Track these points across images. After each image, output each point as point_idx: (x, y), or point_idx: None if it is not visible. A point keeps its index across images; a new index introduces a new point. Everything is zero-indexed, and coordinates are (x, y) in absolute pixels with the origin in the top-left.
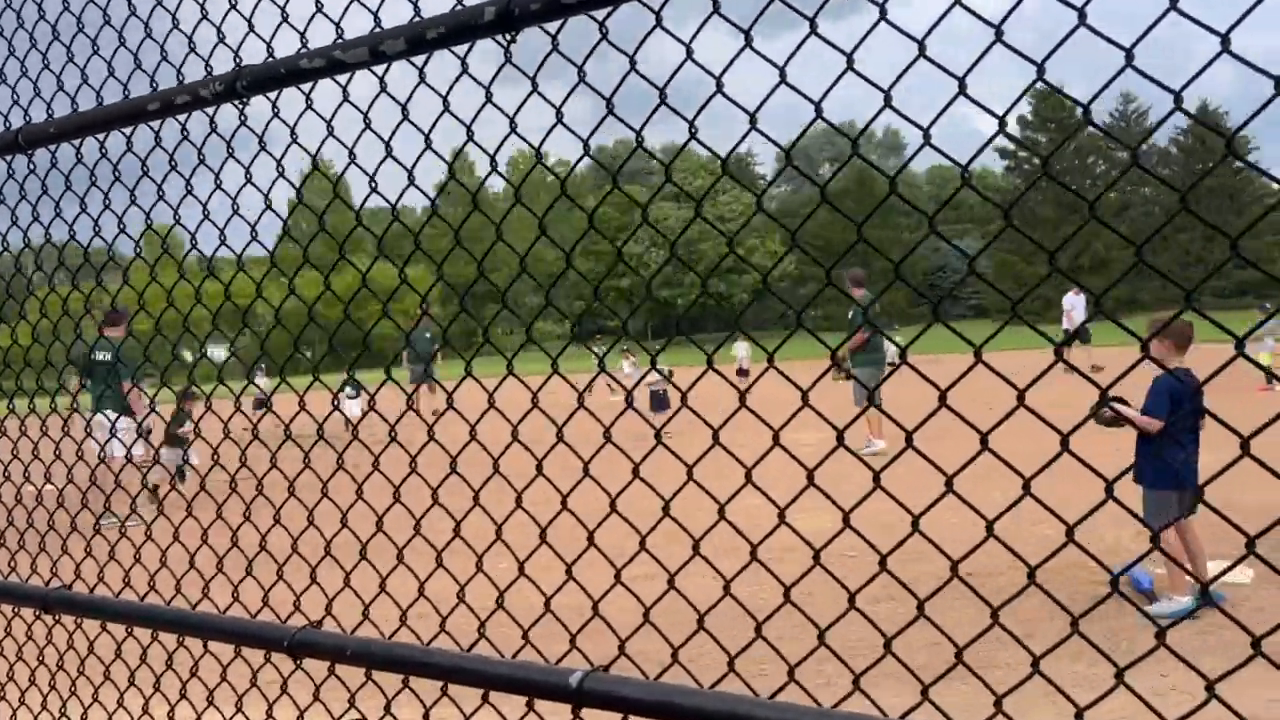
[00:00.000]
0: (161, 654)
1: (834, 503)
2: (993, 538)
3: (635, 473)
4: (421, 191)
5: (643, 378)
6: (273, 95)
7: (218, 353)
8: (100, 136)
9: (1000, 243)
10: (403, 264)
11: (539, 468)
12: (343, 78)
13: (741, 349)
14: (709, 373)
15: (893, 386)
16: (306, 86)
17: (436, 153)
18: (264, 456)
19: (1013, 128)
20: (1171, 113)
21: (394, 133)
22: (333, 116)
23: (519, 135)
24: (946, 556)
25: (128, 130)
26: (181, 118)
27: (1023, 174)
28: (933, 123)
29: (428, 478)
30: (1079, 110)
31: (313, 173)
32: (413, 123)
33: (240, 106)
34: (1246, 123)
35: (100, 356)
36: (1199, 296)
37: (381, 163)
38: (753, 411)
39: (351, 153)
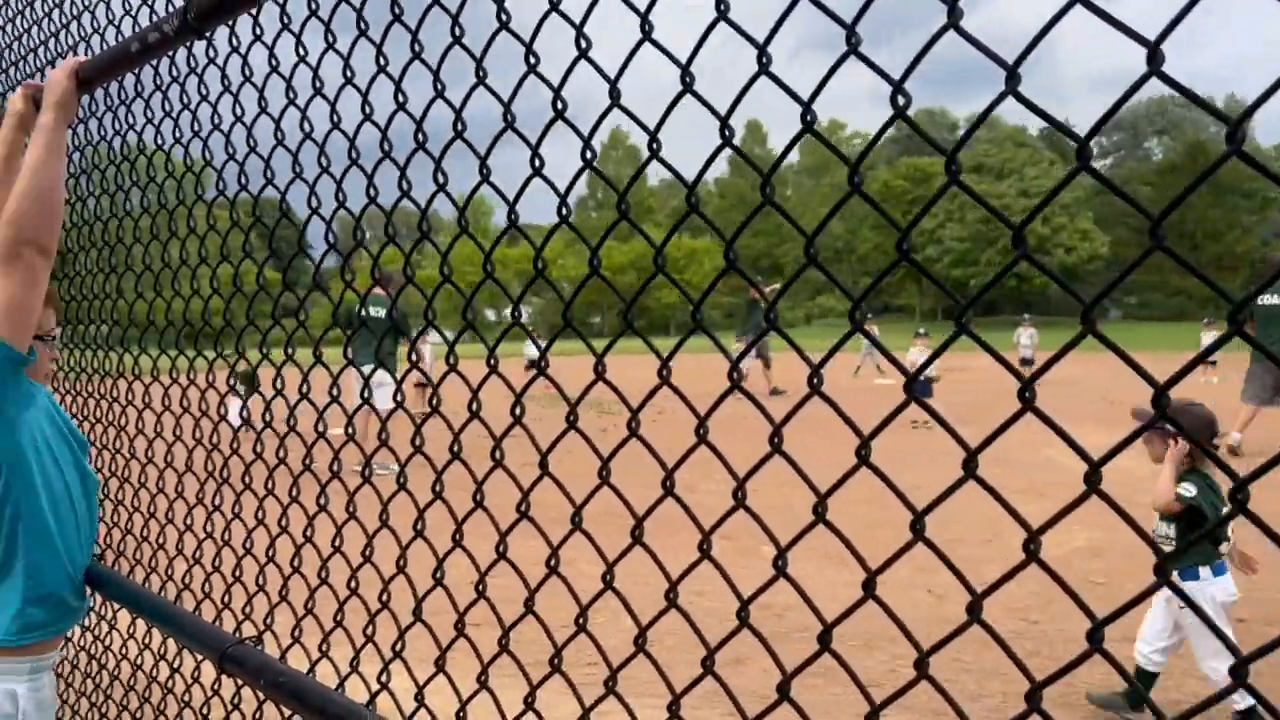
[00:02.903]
0: None
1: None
2: None
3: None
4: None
5: (925, 365)
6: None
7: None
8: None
9: None
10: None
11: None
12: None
13: (1026, 336)
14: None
15: None
16: None
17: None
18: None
19: None
20: None
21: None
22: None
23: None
24: None
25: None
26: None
27: None
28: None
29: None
30: None
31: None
32: (697, 95)
33: (202, 40)
34: None
35: (373, 312)
36: None
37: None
38: (1037, 411)
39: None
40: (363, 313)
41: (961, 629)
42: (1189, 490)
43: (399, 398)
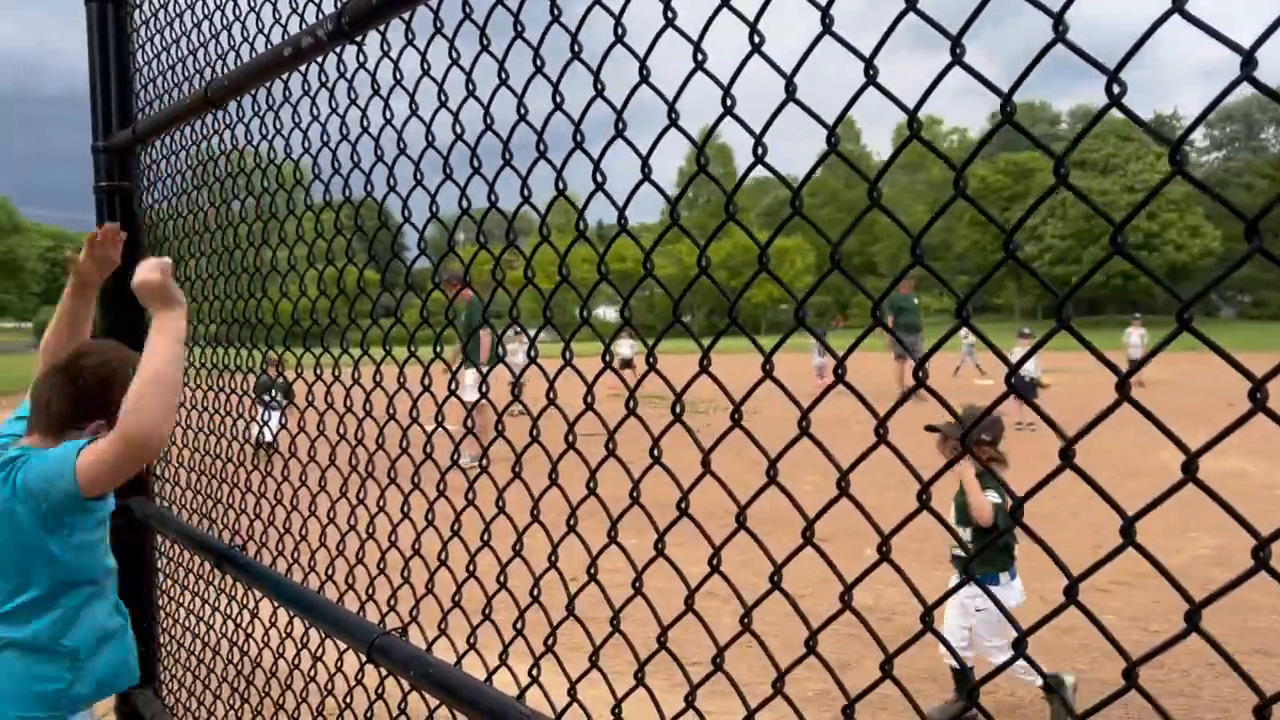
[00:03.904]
0: None
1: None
2: None
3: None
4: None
5: (1026, 357)
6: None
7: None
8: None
9: None
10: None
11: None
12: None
13: (1136, 335)
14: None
15: None
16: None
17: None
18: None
19: None
20: None
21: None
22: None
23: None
24: None
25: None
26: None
27: None
28: None
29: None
30: None
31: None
32: (802, 104)
33: (355, 45)
34: None
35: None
36: None
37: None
38: (1134, 402)
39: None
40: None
41: (1175, 639)
42: (997, 498)
43: (516, 391)
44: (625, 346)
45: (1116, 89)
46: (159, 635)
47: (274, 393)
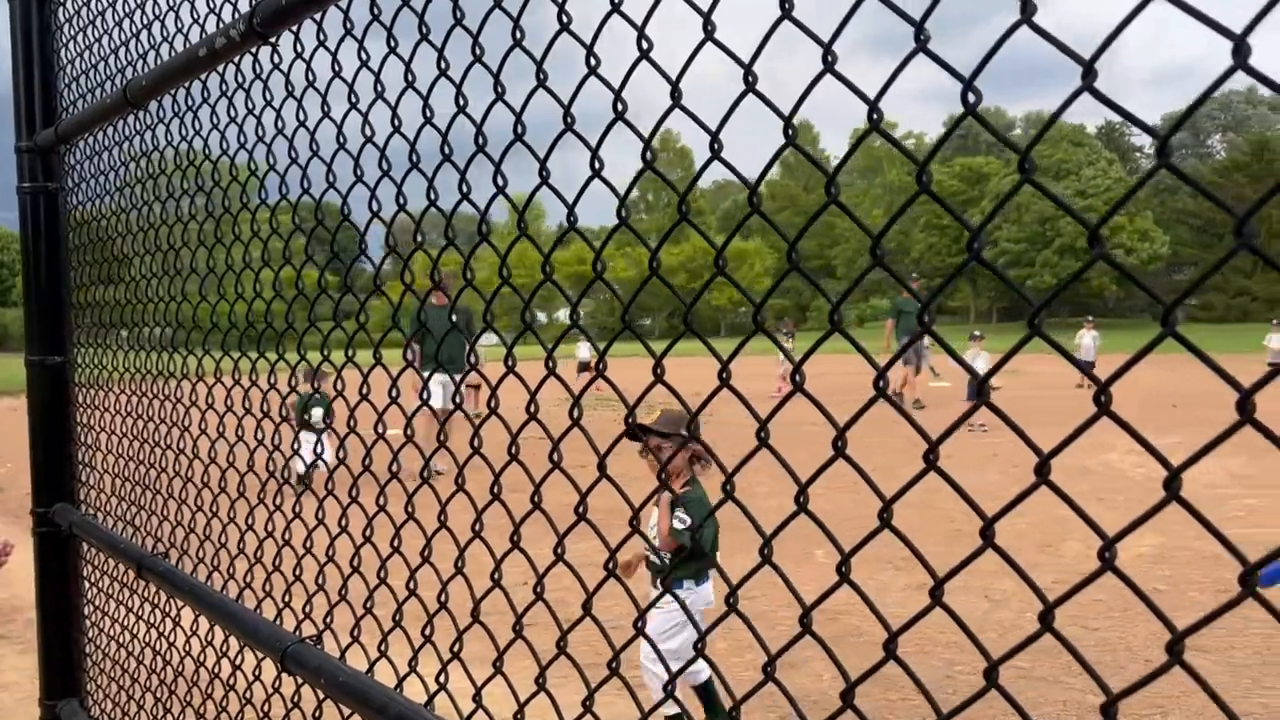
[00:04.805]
0: None
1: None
2: None
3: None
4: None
5: (996, 369)
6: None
7: (561, 316)
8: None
9: None
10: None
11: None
12: None
13: (1088, 338)
14: (1048, 364)
15: None
16: None
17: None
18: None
19: None
20: None
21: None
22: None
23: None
24: None
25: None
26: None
27: None
28: None
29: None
30: None
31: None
32: (761, 95)
33: (266, 46)
34: None
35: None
36: None
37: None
38: (1115, 416)
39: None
40: (422, 316)
41: (1034, 638)
42: (682, 523)
43: (458, 399)
44: (584, 350)
45: (1088, 79)
46: (85, 645)
47: (312, 410)
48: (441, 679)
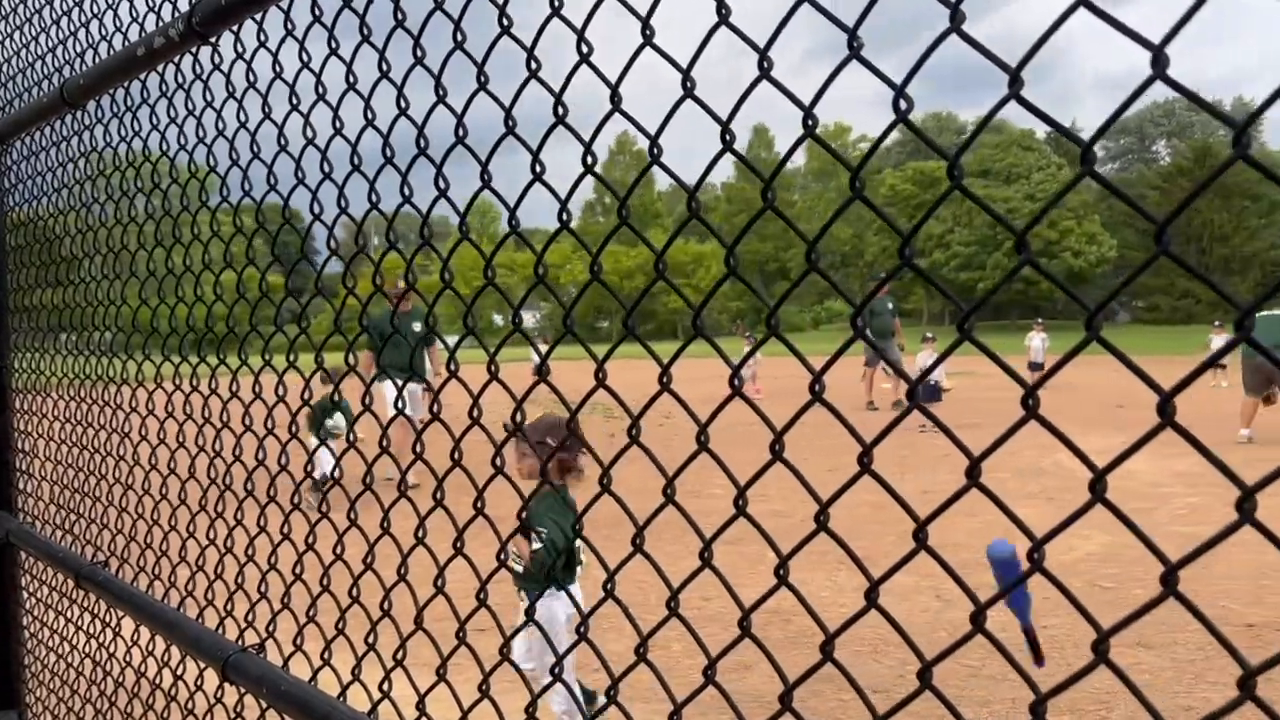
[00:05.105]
0: None
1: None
2: None
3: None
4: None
5: (928, 371)
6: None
7: (524, 319)
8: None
9: None
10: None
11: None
12: None
13: (1037, 340)
14: (998, 367)
15: None
16: None
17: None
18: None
19: None
20: None
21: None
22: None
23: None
24: None
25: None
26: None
27: None
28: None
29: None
30: None
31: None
32: (698, 100)
33: (208, 46)
34: None
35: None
36: None
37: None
38: (1041, 419)
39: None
40: (395, 322)
41: (965, 639)
42: (541, 543)
43: (399, 405)
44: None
45: (1014, 87)
46: (24, 657)
47: (330, 418)
48: (385, 686)
